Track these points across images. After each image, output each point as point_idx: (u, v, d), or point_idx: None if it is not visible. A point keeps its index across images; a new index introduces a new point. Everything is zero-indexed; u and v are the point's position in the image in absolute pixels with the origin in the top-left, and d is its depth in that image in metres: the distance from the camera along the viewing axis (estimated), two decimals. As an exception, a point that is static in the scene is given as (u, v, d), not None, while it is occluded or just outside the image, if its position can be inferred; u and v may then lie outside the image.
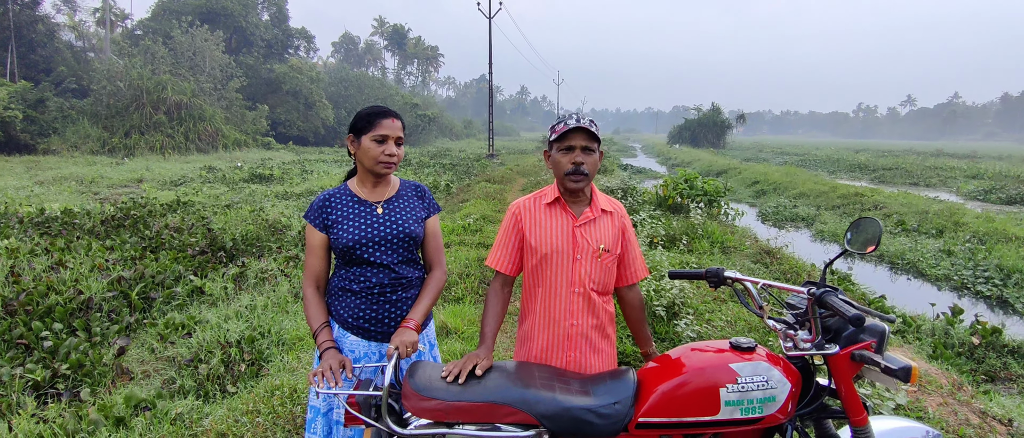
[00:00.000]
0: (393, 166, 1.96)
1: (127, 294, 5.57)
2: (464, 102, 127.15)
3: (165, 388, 3.99)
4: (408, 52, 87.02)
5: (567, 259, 1.93)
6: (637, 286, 2.07)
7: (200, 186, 15.43)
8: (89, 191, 14.35)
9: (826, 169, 28.84)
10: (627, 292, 2.06)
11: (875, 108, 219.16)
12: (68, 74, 31.59)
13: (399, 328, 1.85)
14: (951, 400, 3.30)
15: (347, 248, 1.91)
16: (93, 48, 39.87)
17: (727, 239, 7.10)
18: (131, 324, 5.12)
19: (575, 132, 1.87)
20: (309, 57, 56.40)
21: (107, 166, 19.98)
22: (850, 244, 1.83)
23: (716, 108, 53.48)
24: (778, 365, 1.65)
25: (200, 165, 21.25)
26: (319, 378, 1.68)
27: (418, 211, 2.05)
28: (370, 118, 1.92)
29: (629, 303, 2.06)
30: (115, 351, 4.43)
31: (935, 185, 21.96)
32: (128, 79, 27.81)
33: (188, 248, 7.40)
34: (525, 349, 2.03)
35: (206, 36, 35.20)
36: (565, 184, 1.91)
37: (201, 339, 4.57)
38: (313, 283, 1.98)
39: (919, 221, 11.42)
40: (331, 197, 1.99)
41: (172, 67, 32.01)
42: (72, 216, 9.29)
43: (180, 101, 28.75)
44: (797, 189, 16.72)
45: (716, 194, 9.43)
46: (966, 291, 7.84)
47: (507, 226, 2.02)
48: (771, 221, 13.42)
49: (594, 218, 1.96)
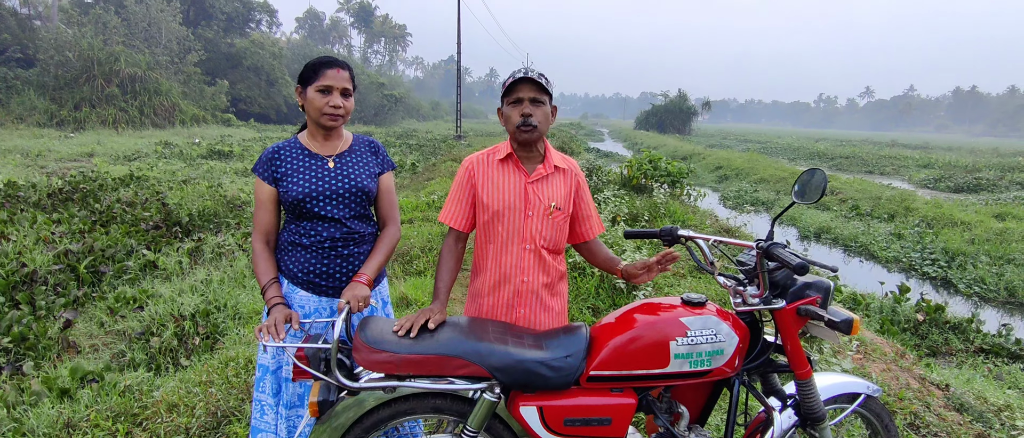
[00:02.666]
0: (340, 118, 1.89)
1: (74, 268, 5.36)
2: (432, 83, 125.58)
3: (115, 362, 3.87)
4: (375, 30, 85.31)
5: (519, 215, 1.92)
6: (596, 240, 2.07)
7: (155, 161, 14.89)
8: (35, 164, 13.70)
9: (787, 156, 29.59)
10: (591, 244, 2.06)
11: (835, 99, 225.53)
12: (12, 42, 29.87)
13: (351, 282, 1.82)
14: (894, 367, 3.45)
15: (297, 201, 1.85)
16: (39, 16, 37.80)
17: (688, 218, 7.23)
18: (79, 298, 4.93)
19: (522, 83, 1.84)
20: (272, 32, 54.66)
21: (55, 139, 19.08)
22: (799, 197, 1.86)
23: (683, 95, 54.12)
24: (727, 320, 1.69)
25: (155, 140, 20.46)
26: (265, 333, 1.64)
27: (372, 167, 2.00)
28: (315, 68, 1.85)
29: (591, 252, 2.07)
30: (61, 324, 4.26)
31: (889, 173, 22.78)
32: (78, 49, 26.49)
33: (141, 222, 7.16)
34: (476, 305, 2.02)
35: (162, 7, 33.73)
36: (516, 137, 1.89)
37: (153, 312, 4.43)
38: (262, 238, 1.92)
39: (872, 206, 11.84)
40: (280, 150, 1.93)
41: (125, 38, 30.65)
42: (16, 189, 8.86)
43: (134, 74, 27.55)
44: (758, 175, 17.13)
45: (679, 175, 9.57)
46: (914, 272, 8.18)
47: (460, 181, 1.99)
48: (732, 203, 13.73)
49: (547, 175, 1.94)
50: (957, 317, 5.48)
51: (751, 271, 1.79)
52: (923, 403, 3.03)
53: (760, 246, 1.69)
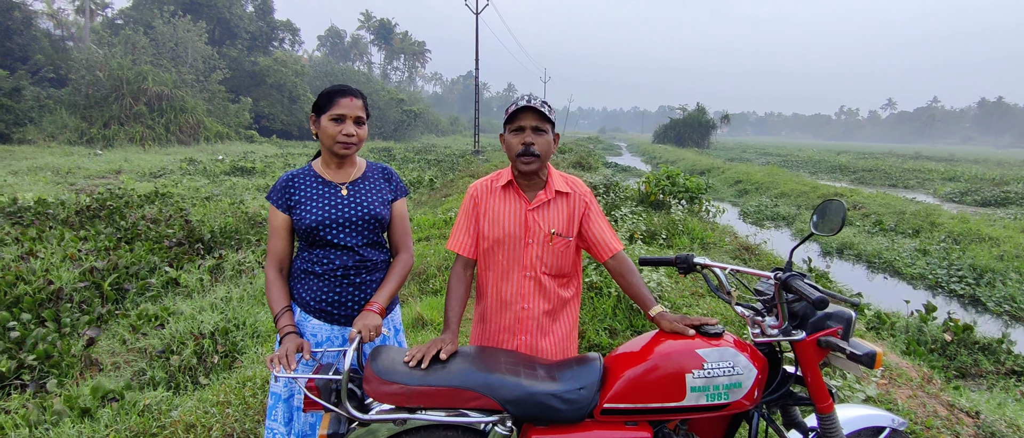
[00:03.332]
0: (352, 147, 1.90)
1: (99, 285, 5.46)
2: (451, 98, 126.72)
3: (135, 380, 3.93)
4: (395, 47, 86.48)
5: (518, 244, 1.92)
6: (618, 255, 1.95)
7: (180, 178, 15.21)
8: (65, 182, 14.07)
9: (808, 170, 29.19)
10: (610, 264, 1.97)
11: (857, 111, 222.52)
12: (45, 63, 30.89)
13: (362, 311, 1.82)
14: (920, 393, 3.34)
15: (310, 229, 1.87)
16: (72, 37, 39.10)
17: (707, 235, 7.15)
18: (103, 315, 5.03)
19: (525, 112, 1.83)
20: (294, 50, 55.77)
21: (84, 157, 19.61)
22: (816, 227, 1.83)
23: (701, 108, 53.83)
24: (745, 351, 1.65)
25: (181, 157, 20.93)
26: (276, 362, 1.64)
27: (384, 193, 2.01)
28: (329, 97, 1.87)
29: (614, 273, 1.96)
30: (84, 342, 4.34)
31: (913, 187, 22.33)
32: (108, 69, 27.27)
33: (165, 239, 7.29)
34: (481, 328, 2.04)
35: (188, 27, 34.66)
36: (517, 166, 1.87)
37: (174, 330, 4.49)
38: (276, 266, 1.94)
39: (896, 221, 11.60)
40: (294, 177, 1.95)
41: (153, 58, 31.47)
42: (45, 206, 9.09)
43: (161, 92, 28.27)
44: (779, 189, 16.91)
45: (697, 191, 9.48)
46: (940, 289, 7.97)
47: (465, 208, 2.00)
48: (752, 219, 13.55)
49: (548, 201, 1.93)
50: (987, 337, 5.31)
51: (770, 301, 1.76)
52: (952, 433, 2.94)
53: (778, 277, 1.66)
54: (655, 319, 1.80)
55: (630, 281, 1.91)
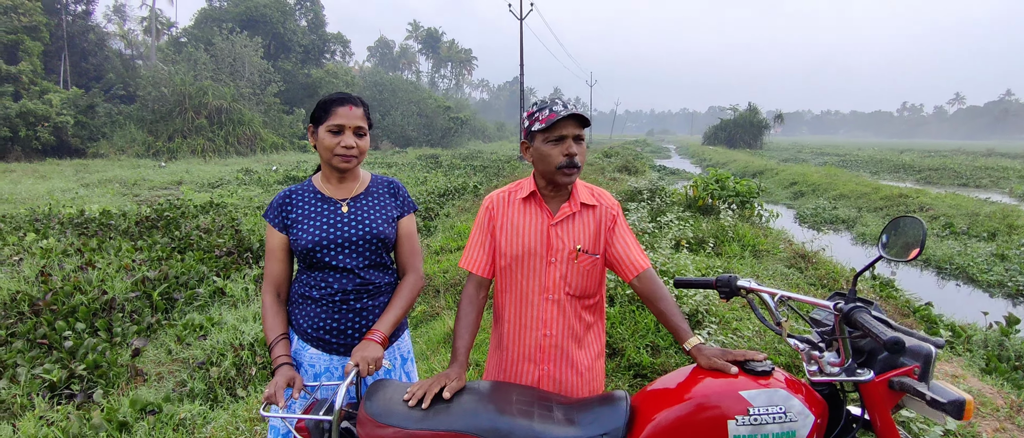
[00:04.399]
0: (352, 160, 1.75)
1: (150, 294, 5.63)
2: (497, 105, 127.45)
3: (176, 391, 3.98)
4: (442, 55, 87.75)
5: (540, 262, 1.74)
6: (644, 275, 1.75)
7: (235, 188, 15.74)
8: (130, 193, 14.79)
9: (868, 170, 27.74)
10: (636, 285, 1.77)
11: (921, 107, 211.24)
12: (116, 81, 32.81)
13: (362, 341, 1.68)
14: (1010, 425, 2.97)
15: (307, 250, 1.73)
16: (140, 55, 41.48)
17: (759, 242, 6.76)
18: (152, 325, 5.16)
19: (567, 120, 1.65)
20: (345, 62, 57.31)
21: (150, 169, 20.62)
22: (886, 249, 1.54)
23: (753, 108, 52.15)
24: (799, 393, 1.40)
25: (238, 168, 21.72)
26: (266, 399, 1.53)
27: (389, 210, 1.86)
28: (325, 106, 1.73)
29: (642, 295, 1.76)
30: (131, 352, 4.45)
31: (986, 186, 20.86)
32: (172, 85, 28.69)
33: (215, 249, 7.49)
34: (498, 357, 1.86)
35: (246, 42, 36.10)
36: (556, 178, 1.69)
37: (215, 341, 4.55)
38: (273, 290, 1.81)
39: (969, 223, 10.78)
40: (292, 194, 1.82)
41: (213, 73, 32.91)
42: (109, 217, 9.54)
43: (220, 105, 29.50)
44: (837, 190, 16.07)
45: (749, 195, 9.04)
46: (1022, 298, 7.33)
47: (480, 222, 1.83)
48: (809, 223, 12.91)
49: (573, 214, 1.75)
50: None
51: (829, 332, 1.48)
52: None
53: (839, 309, 1.40)
54: (692, 353, 1.57)
55: (661, 308, 1.70)
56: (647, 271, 1.75)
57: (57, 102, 24.69)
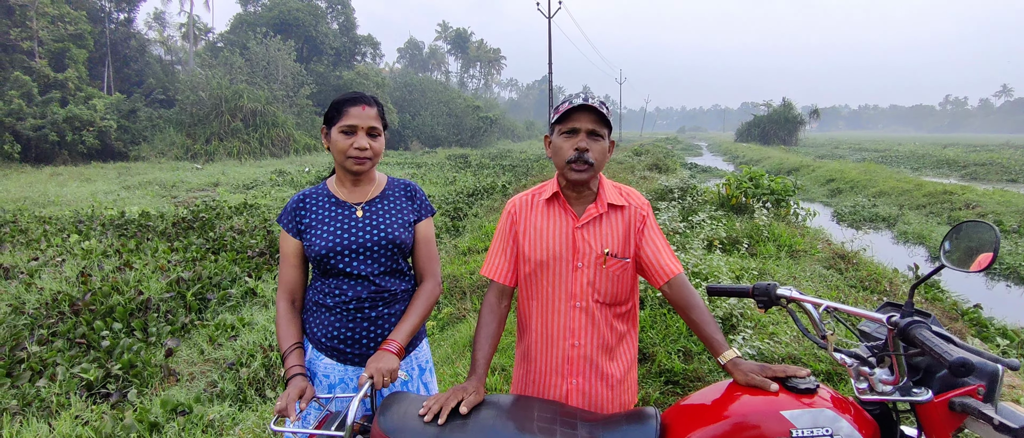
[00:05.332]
0: (366, 162, 1.69)
1: (184, 295, 5.74)
2: (526, 104, 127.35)
3: (207, 391, 4.03)
4: (470, 55, 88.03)
5: (566, 267, 1.64)
6: (676, 281, 1.63)
7: (269, 189, 16.04)
8: (169, 195, 15.21)
9: (909, 166, 26.76)
10: (666, 291, 1.66)
11: (965, 100, 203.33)
12: (157, 85, 33.84)
13: (377, 351, 1.61)
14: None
15: (321, 256, 1.67)
16: (179, 61, 42.73)
17: (796, 242, 6.52)
18: (185, 325, 5.25)
19: (580, 112, 1.56)
20: (376, 63, 57.98)
21: (188, 171, 21.18)
22: (949, 257, 1.38)
23: (787, 103, 50.87)
24: (847, 413, 1.27)
25: (271, 169, 22.16)
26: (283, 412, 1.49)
27: (406, 214, 1.79)
28: (338, 106, 1.67)
29: (673, 302, 1.65)
30: (164, 352, 4.53)
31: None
32: (209, 89, 29.42)
33: (248, 250, 7.61)
34: (524, 369, 1.77)
35: (279, 46, 36.80)
36: (566, 174, 1.60)
37: (245, 342, 4.60)
38: (288, 297, 1.76)
39: (1020, 222, 10.27)
40: (306, 197, 1.77)
41: (248, 76, 33.64)
42: (147, 218, 9.80)
43: (255, 108, 30.13)
44: (877, 187, 15.53)
45: (784, 193, 8.77)
46: (1079, 301, 6.93)
47: (502, 228, 1.74)
48: (847, 222, 12.48)
49: (599, 215, 1.65)
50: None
51: (881, 347, 1.34)
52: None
53: (893, 323, 1.25)
54: (727, 368, 1.45)
55: (694, 317, 1.58)
56: (678, 277, 1.64)
57: (101, 107, 25.56)
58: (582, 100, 1.57)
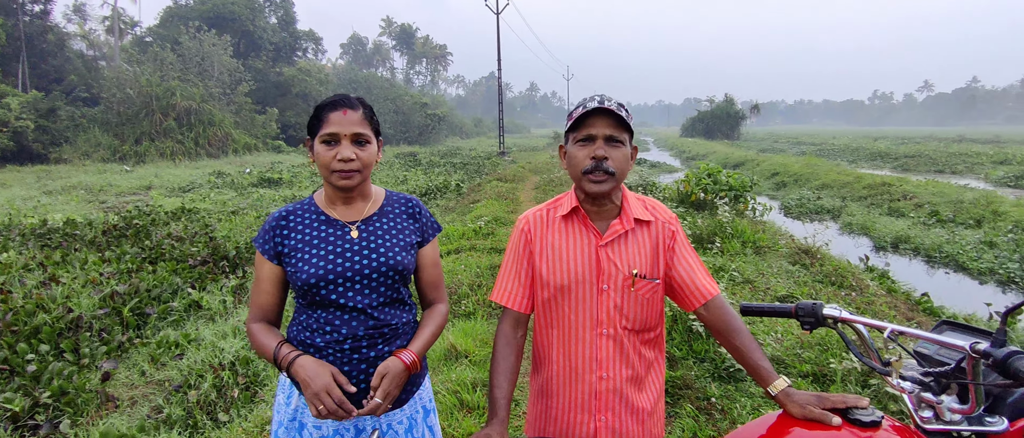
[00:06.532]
0: (354, 176, 1.45)
1: (120, 311, 5.25)
2: (474, 100, 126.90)
3: (152, 417, 3.66)
4: (416, 51, 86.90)
5: (591, 290, 1.46)
6: (713, 303, 1.48)
7: (208, 192, 15.21)
8: (96, 200, 14.18)
9: (845, 158, 28.11)
10: (702, 314, 1.50)
11: (891, 95, 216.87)
12: (79, 83, 31.65)
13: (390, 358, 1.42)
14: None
15: (309, 285, 1.43)
16: (103, 56, 40.09)
17: (760, 238, 6.60)
18: (123, 344, 4.79)
19: (596, 116, 1.39)
20: (317, 59, 56.33)
21: (116, 174, 19.87)
22: None
23: (729, 99, 52.69)
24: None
25: (209, 171, 21.07)
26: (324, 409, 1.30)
27: (409, 235, 1.56)
28: (318, 113, 1.45)
29: (711, 327, 1.49)
30: (100, 376, 4.10)
31: (961, 172, 21.25)
32: (138, 86, 27.78)
33: (188, 258, 7.09)
34: (543, 406, 1.57)
35: (214, 41, 35.14)
36: (583, 186, 1.43)
37: (192, 361, 4.23)
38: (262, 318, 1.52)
39: (954, 211, 10.84)
40: (290, 215, 1.51)
41: (181, 73, 31.96)
42: (74, 227, 9.04)
43: (189, 107, 28.65)
44: (819, 180, 16.15)
45: (742, 189, 8.92)
46: (1014, 285, 7.34)
47: (515, 247, 1.55)
48: (794, 214, 12.90)
49: (625, 232, 1.47)
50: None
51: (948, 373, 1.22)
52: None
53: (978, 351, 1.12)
54: (779, 399, 1.30)
55: (737, 344, 1.42)
56: (717, 298, 1.48)
57: (16, 106, 23.67)
58: (597, 103, 1.39)
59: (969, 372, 1.13)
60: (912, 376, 1.25)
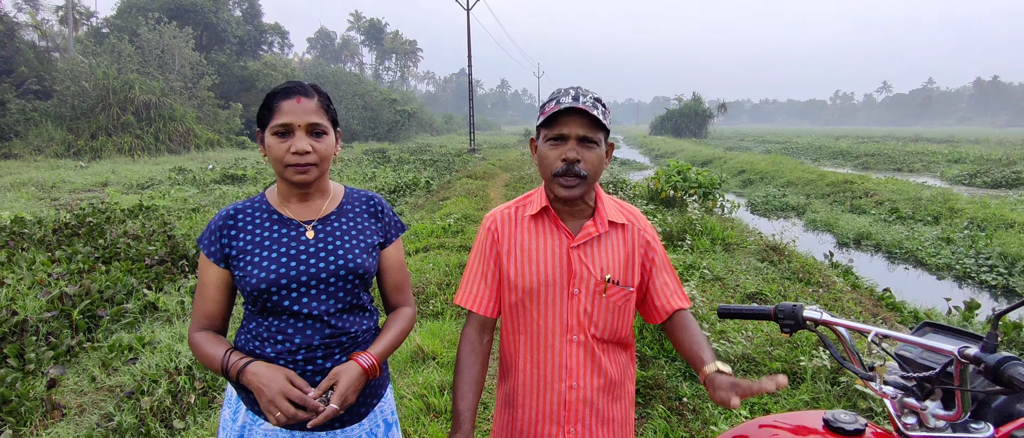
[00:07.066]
0: (311, 169, 1.33)
1: (69, 313, 4.99)
2: (444, 97, 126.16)
3: (101, 426, 3.47)
4: (386, 47, 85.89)
5: (560, 294, 1.38)
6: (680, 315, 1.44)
7: (168, 189, 14.69)
8: (48, 197, 13.56)
9: (809, 156, 28.81)
10: (668, 325, 1.46)
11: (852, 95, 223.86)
12: (30, 74, 30.27)
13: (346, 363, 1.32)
14: None
15: (259, 291, 1.30)
16: (57, 47, 38.42)
17: (729, 235, 6.64)
18: (72, 348, 4.55)
19: (569, 115, 1.29)
20: (284, 53, 55.16)
21: (70, 170, 19.07)
22: None
23: (697, 98, 53.55)
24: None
25: (170, 167, 20.37)
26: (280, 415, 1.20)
27: (370, 235, 1.45)
28: (268, 102, 1.32)
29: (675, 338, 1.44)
30: (46, 382, 3.88)
31: (919, 170, 21.95)
32: (93, 79, 26.68)
33: (145, 257, 6.81)
34: (508, 416, 1.48)
35: (175, 33, 34.01)
36: (553, 189, 1.35)
37: (146, 365, 4.03)
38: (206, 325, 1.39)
39: (913, 208, 11.17)
40: (239, 213, 1.38)
41: (140, 66, 30.85)
42: (22, 225, 8.61)
43: (149, 101, 27.67)
44: (784, 178, 16.49)
45: (711, 186, 9.01)
46: (970, 280, 7.57)
47: (482, 247, 1.46)
48: (760, 211, 13.12)
49: (599, 235, 1.39)
50: (1039, 337, 4.87)
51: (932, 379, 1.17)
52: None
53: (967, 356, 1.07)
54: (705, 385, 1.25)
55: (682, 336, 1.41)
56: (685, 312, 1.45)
57: (-39, 98, 22.53)
58: (571, 99, 1.29)
59: (956, 377, 1.08)
60: (895, 381, 1.20)
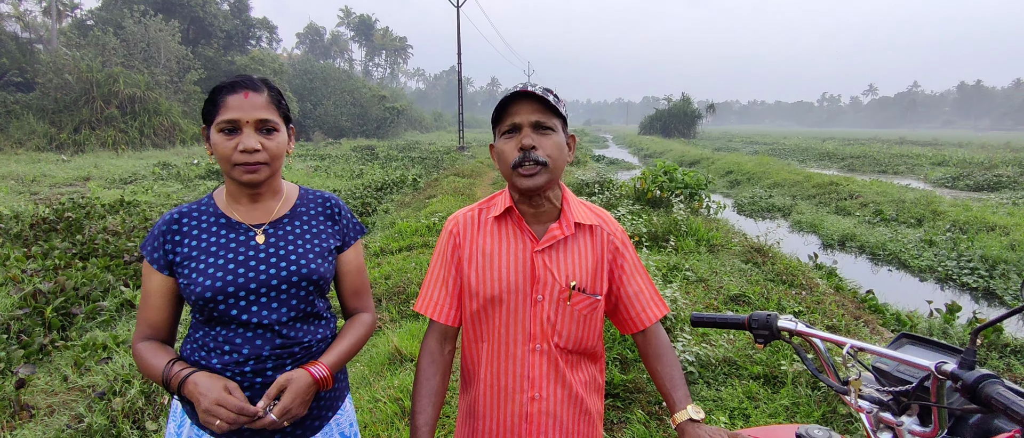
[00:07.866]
0: (260, 169, 1.25)
1: (42, 311, 4.88)
2: (434, 94, 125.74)
3: (71, 427, 3.38)
4: (376, 43, 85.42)
5: (523, 301, 1.30)
6: (652, 328, 1.38)
7: (152, 184, 14.49)
8: (28, 191, 13.31)
9: (796, 158, 28.99)
10: (639, 338, 1.39)
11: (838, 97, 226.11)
12: (12, 66, 29.74)
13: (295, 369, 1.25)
14: None
15: (205, 299, 1.23)
16: (40, 39, 37.80)
17: (713, 236, 6.65)
18: (44, 346, 4.44)
19: (518, 102, 1.24)
20: (272, 48, 54.65)
21: (52, 164, 18.75)
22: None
23: (686, 98, 53.71)
24: None
25: (154, 161, 20.11)
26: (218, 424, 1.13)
27: (326, 239, 1.38)
28: (213, 97, 1.24)
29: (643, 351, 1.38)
30: (15, 382, 3.78)
31: (903, 172, 22.16)
32: (77, 71, 26.26)
33: (124, 254, 6.69)
34: (470, 428, 1.40)
35: (161, 26, 33.55)
36: (515, 182, 1.27)
37: (120, 365, 3.94)
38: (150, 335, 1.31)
39: (896, 210, 11.25)
40: (183, 217, 1.30)
41: (124, 59, 30.42)
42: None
43: (133, 94, 27.29)
44: (771, 179, 16.57)
45: (697, 186, 9.02)
46: (951, 282, 7.63)
47: (442, 251, 1.38)
48: (747, 212, 13.17)
49: (565, 237, 1.32)
50: (1018, 339, 4.91)
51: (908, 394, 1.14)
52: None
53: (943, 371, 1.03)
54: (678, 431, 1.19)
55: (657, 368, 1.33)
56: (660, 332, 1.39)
57: (-60, 90, 22.07)
58: (520, 87, 1.25)
59: (933, 393, 1.05)
60: (870, 395, 1.17)
